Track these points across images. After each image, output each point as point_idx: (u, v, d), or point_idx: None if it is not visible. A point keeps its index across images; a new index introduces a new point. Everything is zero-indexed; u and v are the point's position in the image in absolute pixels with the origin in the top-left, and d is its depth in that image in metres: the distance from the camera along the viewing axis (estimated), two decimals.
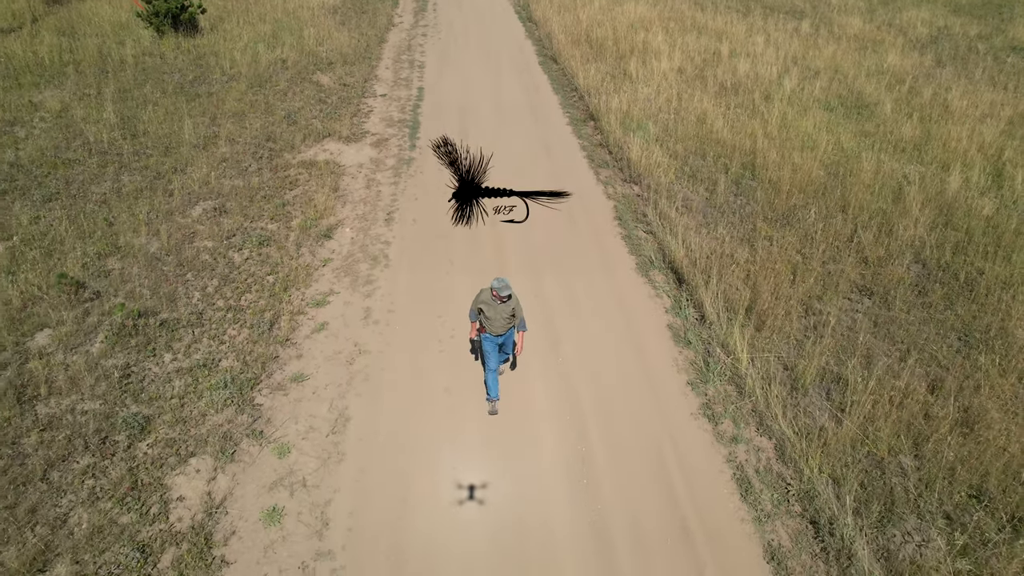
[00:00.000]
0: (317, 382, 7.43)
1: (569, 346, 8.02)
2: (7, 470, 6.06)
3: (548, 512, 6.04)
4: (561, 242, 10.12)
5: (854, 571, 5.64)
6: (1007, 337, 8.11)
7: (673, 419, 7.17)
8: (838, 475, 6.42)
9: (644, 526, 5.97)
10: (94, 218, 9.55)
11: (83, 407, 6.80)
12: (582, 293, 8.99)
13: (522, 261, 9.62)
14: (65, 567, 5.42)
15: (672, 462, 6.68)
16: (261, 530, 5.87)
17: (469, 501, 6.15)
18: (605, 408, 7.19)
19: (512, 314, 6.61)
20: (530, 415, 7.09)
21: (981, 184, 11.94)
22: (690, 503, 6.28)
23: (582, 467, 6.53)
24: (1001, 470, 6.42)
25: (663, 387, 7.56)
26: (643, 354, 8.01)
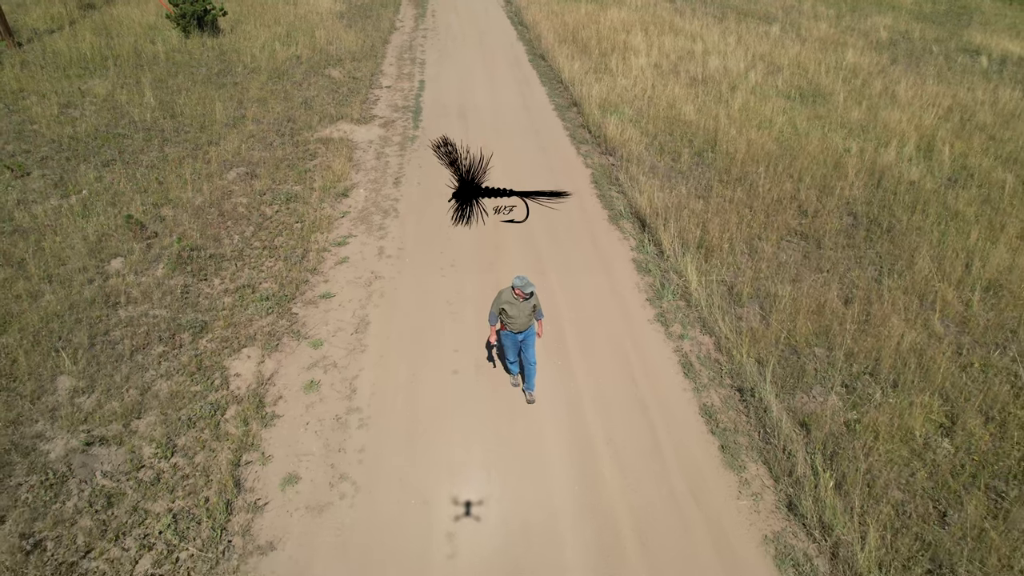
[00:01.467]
0: (342, 298, 9.08)
1: (553, 275, 9.69)
2: (104, 352, 7.68)
3: (538, 426, 7.67)
4: (556, 218, 11.79)
5: (768, 420, 7.28)
6: (912, 267, 9.83)
7: (633, 324, 8.84)
8: (762, 358, 8.09)
9: (609, 398, 7.61)
10: (146, 178, 11.22)
11: (154, 313, 8.44)
12: (564, 237, 10.68)
13: (522, 231, 11.30)
14: (155, 416, 7.04)
15: (632, 353, 8.33)
16: (302, 395, 7.50)
17: (457, 375, 7.79)
18: (580, 316, 8.86)
19: (534, 307, 6.85)
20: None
21: (912, 157, 13.71)
22: (645, 380, 7.92)
23: (559, 354, 8.18)
24: (892, 355, 8.09)
25: (627, 302, 9.24)
26: (612, 279, 9.70)
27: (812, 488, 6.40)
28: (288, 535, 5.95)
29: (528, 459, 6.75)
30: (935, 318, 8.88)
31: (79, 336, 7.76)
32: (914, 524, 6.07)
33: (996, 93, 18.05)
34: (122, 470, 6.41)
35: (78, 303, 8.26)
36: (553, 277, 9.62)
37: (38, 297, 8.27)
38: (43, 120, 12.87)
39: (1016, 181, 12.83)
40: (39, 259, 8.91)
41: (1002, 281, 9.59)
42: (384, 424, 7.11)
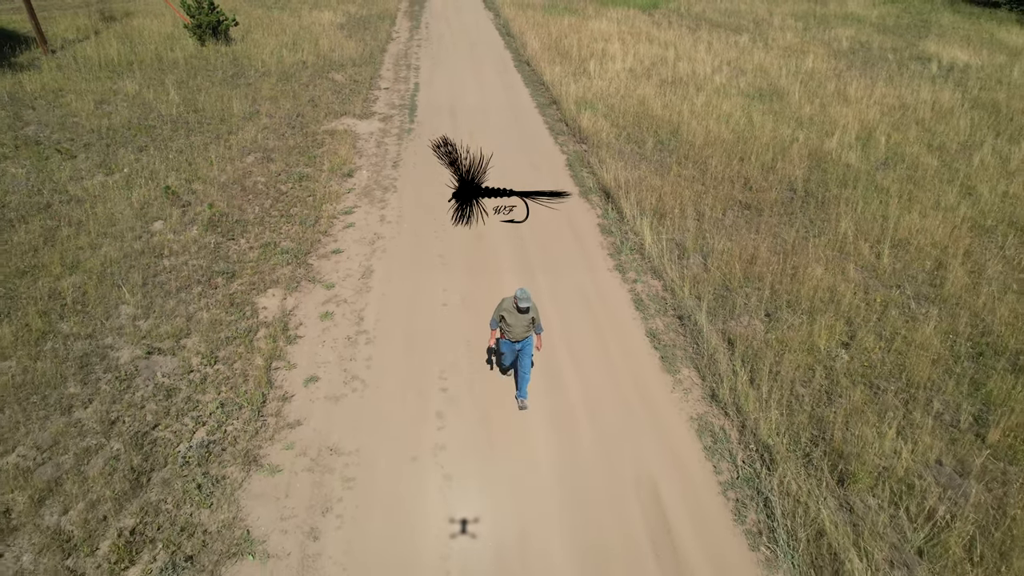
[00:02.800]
0: (350, 253, 10.75)
1: (529, 238, 11.38)
2: (154, 289, 9.32)
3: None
4: (528, 180, 13.53)
5: (700, 339, 8.97)
6: (836, 229, 11.56)
7: (595, 272, 10.53)
8: (700, 295, 9.78)
9: (572, 324, 9.24)
10: (177, 160, 12.92)
11: (192, 262, 10.09)
12: (540, 207, 12.39)
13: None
14: (199, 337, 8.66)
15: (593, 293, 10.01)
16: (319, 322, 9.15)
17: (446, 307, 9.44)
18: (551, 267, 10.52)
19: (531, 321, 7.11)
20: (499, 269, 10.42)
21: (852, 144, 15.53)
22: (602, 312, 9.59)
23: (535, 296, 9.84)
24: (810, 292, 9.78)
25: (591, 256, 10.94)
26: (579, 238, 11.41)
27: (730, 383, 8.07)
28: (311, 416, 7.58)
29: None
30: (850, 266, 10.59)
31: (134, 277, 9.41)
32: (807, 406, 7.74)
33: (938, 94, 19.95)
34: (176, 373, 8.03)
35: (130, 253, 9.91)
36: (529, 239, 11.32)
37: (97, 248, 9.91)
38: (82, 114, 14.58)
39: (940, 164, 14.65)
40: (94, 221, 10.57)
41: (910, 239, 11.34)
42: (386, 341, 8.76)
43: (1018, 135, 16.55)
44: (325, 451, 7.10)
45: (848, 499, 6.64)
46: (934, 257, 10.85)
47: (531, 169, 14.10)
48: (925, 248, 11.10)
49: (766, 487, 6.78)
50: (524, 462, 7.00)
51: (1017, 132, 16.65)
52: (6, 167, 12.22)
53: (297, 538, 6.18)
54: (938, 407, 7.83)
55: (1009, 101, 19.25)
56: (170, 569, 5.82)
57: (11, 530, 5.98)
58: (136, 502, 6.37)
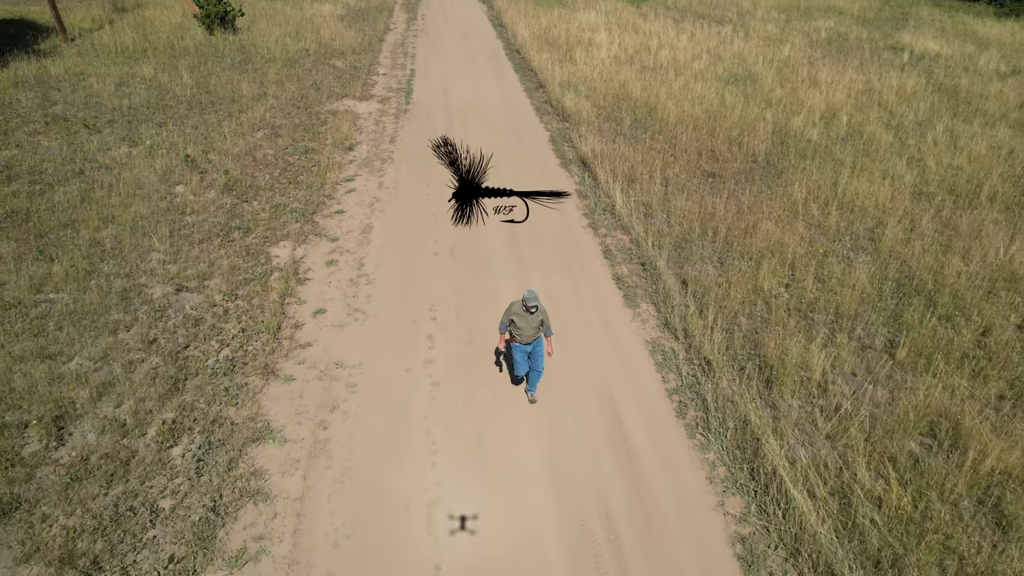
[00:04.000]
0: (351, 213, 12.03)
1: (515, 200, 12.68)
2: (180, 240, 10.59)
3: (495, 283, 10.62)
4: (513, 154, 14.82)
5: (659, 280, 10.26)
6: (790, 193, 12.84)
7: (571, 228, 11.81)
8: (661, 246, 11.07)
9: (549, 269, 10.51)
10: (194, 134, 14.20)
11: (211, 220, 11.37)
12: (524, 176, 13.67)
13: (491, 170, 14.33)
14: (220, 279, 9.95)
15: (567, 245, 11.30)
16: (325, 268, 10.43)
17: (436, 256, 10.71)
18: (532, 224, 11.79)
19: (541, 322, 7.17)
20: (485, 227, 11.70)
21: (816, 123, 16.82)
22: (575, 260, 10.87)
23: (516, 247, 11.13)
24: (761, 244, 11.08)
25: (567, 216, 12.22)
26: (558, 203, 12.70)
27: (681, 313, 9.37)
28: (320, 339, 8.87)
29: (486, 300, 9.69)
30: (799, 224, 11.89)
31: (161, 230, 10.69)
32: (746, 331, 9.04)
33: (904, 80, 21.22)
34: (202, 306, 9.32)
35: (157, 211, 11.20)
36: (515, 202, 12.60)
37: (128, 206, 11.20)
38: (104, 95, 15.85)
39: (894, 140, 15.95)
40: (123, 184, 11.85)
41: (856, 202, 12.63)
42: (384, 283, 10.05)
43: (971, 116, 17.84)
44: (332, 365, 8.39)
45: (772, 399, 7.94)
46: (876, 217, 12.14)
47: (517, 145, 15.39)
48: (869, 209, 12.40)
49: (704, 391, 8.09)
50: (502, 375, 8.29)
51: (972, 114, 17.94)
52: (39, 140, 13.49)
53: (309, 428, 7.48)
54: (860, 333, 9.13)
55: (970, 86, 20.53)
56: (205, 448, 7.11)
57: (77, 416, 7.27)
58: (175, 400, 7.66)
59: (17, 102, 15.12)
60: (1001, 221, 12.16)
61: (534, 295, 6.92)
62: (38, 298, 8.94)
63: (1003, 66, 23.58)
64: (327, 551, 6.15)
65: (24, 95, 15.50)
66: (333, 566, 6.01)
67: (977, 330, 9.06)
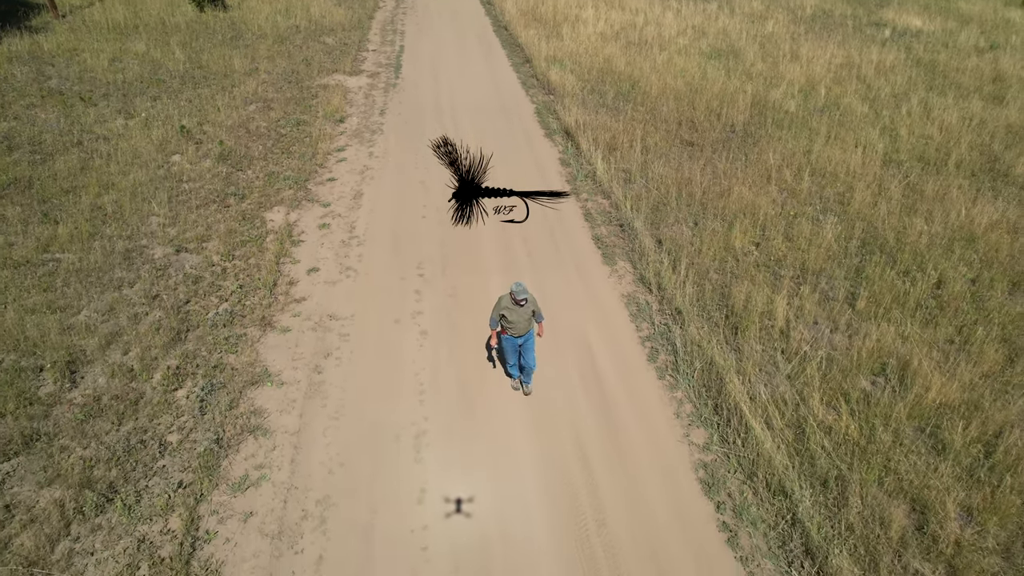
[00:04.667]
0: (342, 181, 12.49)
1: (497, 166, 13.15)
2: (178, 205, 11.04)
3: (479, 244, 11.11)
4: (500, 127, 15.27)
5: (636, 240, 10.80)
6: (765, 161, 13.37)
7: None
8: (639, 209, 11.61)
9: (531, 236, 11.02)
10: (188, 107, 14.58)
11: (208, 187, 11.81)
12: (509, 145, 14.13)
13: (473, 135, 14.79)
14: (218, 241, 10.42)
15: (549, 211, 11.82)
16: (318, 231, 10.91)
17: (424, 219, 11.22)
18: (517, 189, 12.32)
19: (532, 313, 7.10)
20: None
21: (794, 95, 17.31)
22: (558, 227, 11.39)
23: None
24: (734, 207, 11.62)
25: (549, 182, 12.71)
26: (541, 169, 13.19)
27: (656, 269, 9.93)
28: (313, 294, 9.39)
29: (472, 260, 10.21)
30: (772, 188, 12.44)
31: (160, 196, 11.14)
32: (716, 285, 9.61)
33: (884, 55, 21.69)
34: (201, 266, 9.80)
35: (155, 178, 11.64)
36: (499, 172, 13.09)
37: (127, 174, 11.63)
38: (98, 69, 16.17)
39: (869, 111, 16.47)
40: (121, 154, 12.26)
41: (828, 169, 13.17)
42: (374, 243, 10.56)
43: (947, 89, 18.36)
44: (325, 317, 8.93)
45: (737, 344, 8.54)
46: (846, 183, 12.70)
47: (504, 118, 15.83)
48: (840, 175, 12.95)
49: (674, 337, 8.67)
50: (484, 324, 8.83)
51: (947, 87, 18.46)
52: (36, 113, 13.85)
53: (305, 372, 8.03)
54: (824, 286, 9.72)
55: (948, 61, 21.01)
56: (208, 390, 7.65)
57: (88, 362, 7.79)
58: (178, 349, 8.19)
59: (12, 76, 15.43)
60: (965, 186, 12.74)
61: (522, 287, 6.80)
62: (45, 257, 9.41)
63: (982, 41, 24.06)
64: (323, 477, 6.72)
65: (19, 70, 15.80)
66: (328, 490, 6.59)
67: (932, 283, 9.65)
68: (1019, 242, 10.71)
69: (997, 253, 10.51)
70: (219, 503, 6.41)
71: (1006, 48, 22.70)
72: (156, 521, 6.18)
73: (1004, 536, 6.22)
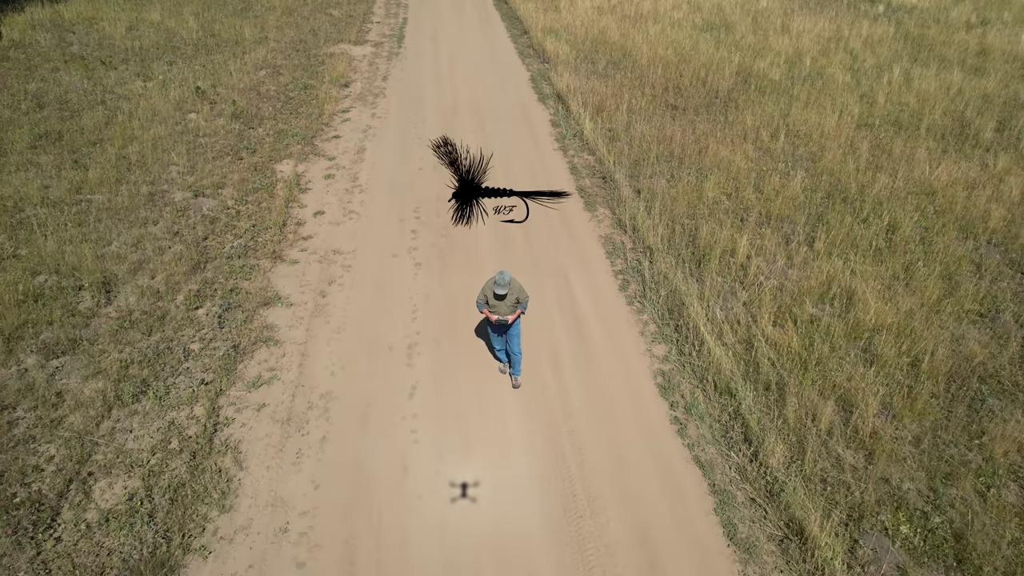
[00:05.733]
0: (347, 138, 13.42)
1: (491, 126, 14.05)
2: (195, 157, 12.01)
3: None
4: (497, 93, 16.11)
5: (616, 190, 11.71)
6: (743, 122, 14.19)
7: (543, 150, 13.21)
8: (621, 163, 12.49)
9: (519, 185, 11.97)
10: (202, 71, 15.51)
11: (222, 142, 12.76)
12: (504, 109, 15.01)
13: (472, 99, 15.67)
14: (232, 187, 11.39)
15: (539, 165, 12.71)
16: (323, 181, 11.86)
17: (421, 171, 12.16)
18: (508, 148, 13.15)
19: (517, 300, 7.12)
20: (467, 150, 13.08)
21: (780, 65, 18.04)
22: (543, 176, 12.28)
23: (492, 166, 12.54)
24: (710, 163, 12.49)
25: (540, 140, 13.61)
26: (533, 130, 14.07)
27: (632, 213, 10.84)
28: (319, 233, 10.36)
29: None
30: (749, 146, 13.28)
31: (178, 148, 12.11)
32: (687, 227, 10.51)
33: (873, 29, 22.31)
34: (217, 209, 10.78)
35: (173, 133, 12.61)
36: (492, 131, 13.99)
37: (147, 129, 12.60)
38: (116, 37, 17.11)
39: (851, 80, 17.20)
40: (142, 111, 13.23)
41: (804, 131, 13.98)
42: (375, 191, 11.50)
43: (930, 61, 19.02)
44: (330, 252, 9.91)
45: (700, 275, 9.47)
46: (820, 143, 13.51)
47: (499, 84, 16.69)
48: (814, 137, 13.77)
49: (644, 270, 9.61)
50: (474, 259, 9.79)
51: (931, 59, 19.11)
52: (61, 75, 14.82)
53: (311, 296, 9.02)
54: (786, 230, 10.61)
55: (936, 35, 21.61)
56: (225, 308, 8.65)
57: (119, 284, 8.81)
58: (198, 276, 9.19)
59: (36, 43, 16.39)
60: (933, 148, 13.54)
61: (505, 279, 6.76)
62: (78, 198, 10.43)
63: (974, 17, 24.57)
64: (326, 378, 7.73)
65: (42, 36, 16.76)
66: (330, 387, 7.60)
67: (886, 228, 10.53)
68: (974, 196, 11.54)
69: (952, 206, 11.34)
70: (236, 397, 7.43)
71: (996, 24, 23.24)
72: (183, 409, 7.20)
73: (917, 429, 7.16)
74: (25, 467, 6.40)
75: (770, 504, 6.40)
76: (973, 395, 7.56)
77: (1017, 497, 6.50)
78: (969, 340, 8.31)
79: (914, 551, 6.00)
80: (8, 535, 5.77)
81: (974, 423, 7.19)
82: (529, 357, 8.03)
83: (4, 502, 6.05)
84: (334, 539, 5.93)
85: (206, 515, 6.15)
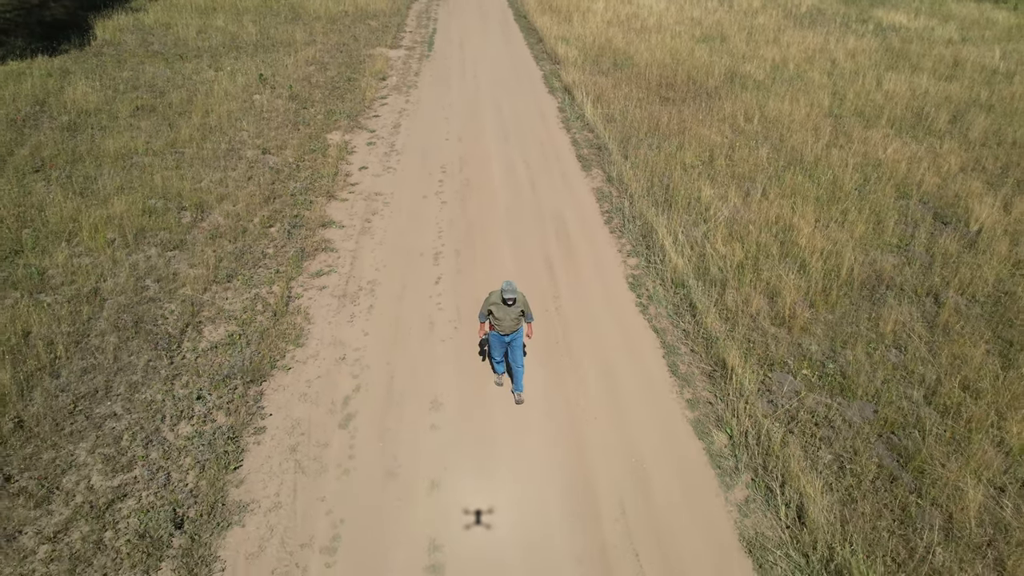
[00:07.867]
0: (384, 117, 16.00)
1: (507, 110, 16.55)
2: (261, 125, 14.64)
3: (487, 156, 14.50)
4: (513, 86, 18.65)
5: (607, 156, 14.07)
6: (721, 109, 16.53)
7: (549, 128, 15.66)
8: (616, 139, 14.87)
9: (529, 155, 14.41)
10: (262, 64, 18.31)
11: (281, 116, 15.38)
12: (518, 98, 17.51)
13: (492, 91, 18.23)
14: (292, 150, 13.97)
15: (545, 139, 15.13)
16: (366, 147, 14.38)
17: (448, 141, 14.66)
18: (520, 128, 15.60)
19: (520, 313, 6.97)
20: (483, 129, 15.60)
21: (766, 69, 20.39)
22: (549, 147, 14.71)
23: (507, 140, 15.01)
24: (692, 140, 14.81)
25: (548, 122, 16.06)
26: (543, 115, 16.54)
27: (619, 171, 13.17)
28: (364, 181, 12.84)
29: (482, 165, 13.55)
30: (726, 127, 15.58)
31: (248, 119, 14.75)
32: (664, 180, 12.80)
33: (859, 43, 24.58)
34: (280, 163, 13.31)
35: (243, 108, 15.27)
36: (508, 115, 16.48)
37: (221, 105, 15.27)
38: (188, 38, 20.05)
39: (827, 80, 19.47)
40: (216, 92, 15.96)
41: (775, 117, 16.25)
42: (408, 154, 13.98)
43: (905, 69, 21.21)
44: (373, 194, 12.34)
45: (670, 215, 11.73)
46: (788, 127, 15.76)
47: (516, 80, 19.23)
48: (784, 122, 16.01)
49: (625, 208, 11.90)
50: (488, 203, 12.12)
51: (906, 68, 21.29)
52: (146, 67, 17.68)
53: (358, 221, 11.43)
54: (747, 186, 12.85)
55: (917, 49, 23.81)
56: (291, 226, 11.08)
57: (210, 207, 11.33)
58: (269, 206, 11.66)
59: (124, 42, 19.35)
60: (890, 134, 15.69)
61: (511, 287, 6.76)
62: (174, 150, 13.04)
63: (956, 35, 26.75)
64: (371, 272, 10.09)
65: (128, 38, 19.74)
66: (375, 277, 9.94)
67: (831, 183, 12.71)
68: (913, 166, 13.67)
69: (894, 174, 13.47)
70: (303, 282, 9.81)
71: (976, 40, 25.38)
72: (264, 287, 9.58)
73: (829, 316, 9.30)
74: (156, 316, 8.81)
75: (705, 352, 8.58)
76: (878, 296, 9.67)
77: (896, 357, 8.59)
78: (883, 262, 10.42)
79: (810, 383, 8.12)
80: (151, 349, 8.17)
81: (873, 312, 9.30)
82: (529, 264, 10.33)
83: (146, 334, 8.44)
84: (379, 362, 8.23)
85: (285, 349, 8.48)
